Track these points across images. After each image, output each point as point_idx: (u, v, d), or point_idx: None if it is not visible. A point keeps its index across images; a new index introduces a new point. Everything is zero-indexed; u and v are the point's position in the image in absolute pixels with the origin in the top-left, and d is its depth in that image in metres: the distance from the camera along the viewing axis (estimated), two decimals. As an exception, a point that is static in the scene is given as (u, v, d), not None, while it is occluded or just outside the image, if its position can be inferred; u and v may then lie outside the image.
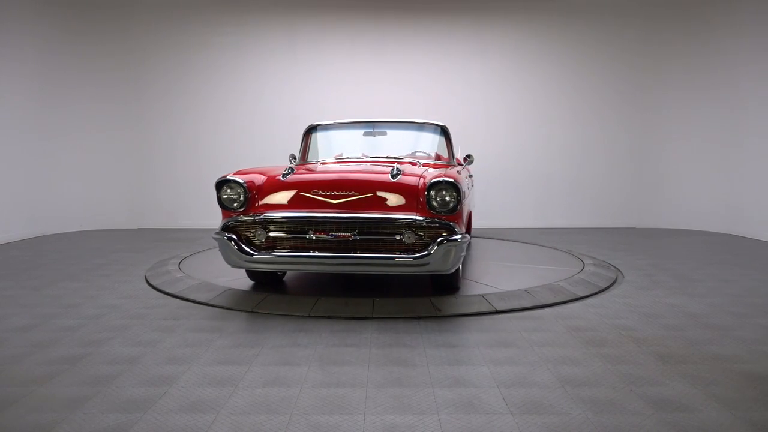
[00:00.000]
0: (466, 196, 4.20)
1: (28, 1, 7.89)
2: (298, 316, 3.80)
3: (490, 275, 5.11)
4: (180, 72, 8.96)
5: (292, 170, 4.28)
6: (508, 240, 7.45)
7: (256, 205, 4.03)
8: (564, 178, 9.13)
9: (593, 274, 5.06)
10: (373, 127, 5.48)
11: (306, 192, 3.97)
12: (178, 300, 4.27)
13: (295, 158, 5.52)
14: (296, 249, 3.90)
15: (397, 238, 3.81)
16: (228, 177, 4.08)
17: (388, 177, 4.02)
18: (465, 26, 9.04)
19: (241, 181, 4.03)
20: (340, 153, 5.33)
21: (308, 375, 2.77)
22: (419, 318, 3.77)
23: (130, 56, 8.85)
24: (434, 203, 3.81)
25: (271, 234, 3.94)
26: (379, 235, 3.82)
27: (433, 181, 3.84)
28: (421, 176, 4.05)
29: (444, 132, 5.32)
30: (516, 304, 4.03)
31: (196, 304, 4.12)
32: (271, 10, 8.96)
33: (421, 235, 3.82)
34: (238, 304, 4.04)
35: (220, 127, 8.98)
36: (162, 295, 4.44)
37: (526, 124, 9.10)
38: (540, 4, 9.03)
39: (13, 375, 2.76)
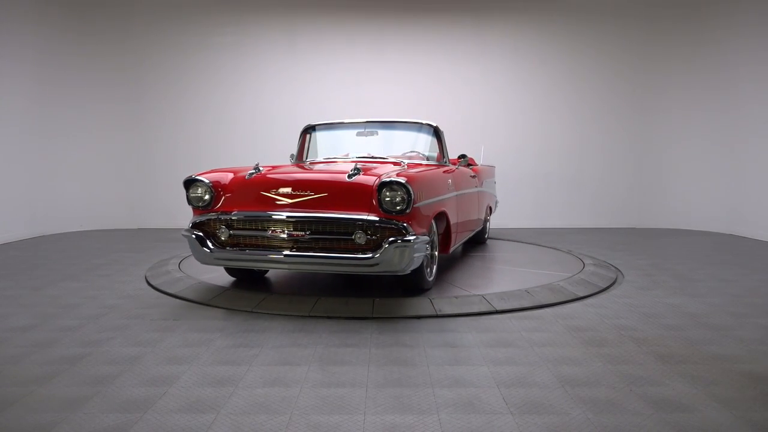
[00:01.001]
0: (427, 197, 4.05)
1: (28, 2, 7.89)
2: (298, 316, 3.80)
3: (489, 274, 5.11)
4: (180, 72, 8.97)
5: (258, 170, 4.33)
6: (508, 240, 7.45)
7: (221, 203, 4.16)
8: (564, 178, 9.13)
9: (593, 274, 5.06)
10: (364, 127, 5.47)
11: (266, 191, 4.06)
12: (178, 300, 4.27)
13: (293, 158, 5.57)
14: (256, 246, 4.02)
15: (350, 237, 3.83)
16: (194, 176, 4.20)
17: (344, 177, 4.01)
18: (465, 26, 9.05)
19: (206, 181, 4.16)
20: (347, 153, 5.31)
21: (308, 375, 2.77)
22: (419, 318, 3.77)
23: (130, 56, 8.85)
24: (385, 203, 3.76)
25: (233, 232, 4.07)
26: (332, 235, 3.86)
27: (382, 181, 3.78)
28: (378, 176, 3.96)
29: (436, 132, 5.26)
30: (516, 304, 4.03)
31: (196, 304, 4.12)
32: (271, 10, 8.97)
33: (373, 236, 3.81)
34: (238, 304, 4.04)
35: (220, 127, 8.98)
36: (162, 295, 4.44)
37: (525, 124, 9.10)
38: (540, 5, 9.04)
39: (13, 375, 2.76)
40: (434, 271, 4.47)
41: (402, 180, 3.72)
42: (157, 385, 2.63)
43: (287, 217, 3.89)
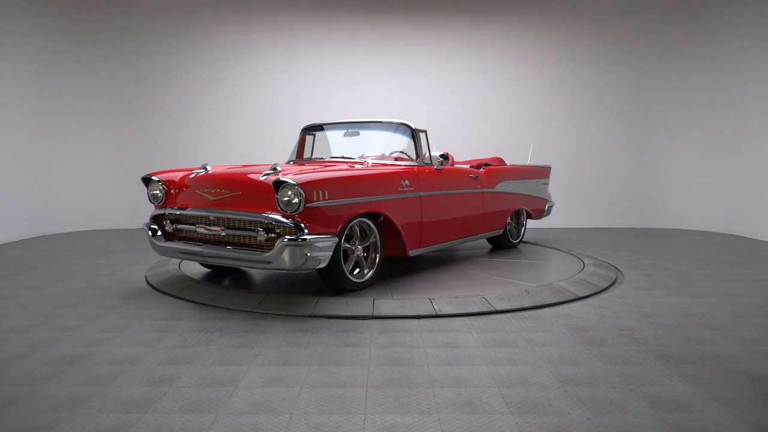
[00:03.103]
0: (336, 197, 4.03)
1: (28, 2, 7.89)
2: (298, 316, 3.80)
3: (489, 274, 5.11)
4: (180, 72, 8.97)
5: (205, 169, 4.57)
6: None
7: (171, 200, 4.57)
8: (564, 178, 9.11)
9: (593, 274, 5.06)
10: (347, 128, 5.52)
11: (197, 189, 4.41)
12: (178, 300, 4.27)
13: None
14: (187, 240, 4.43)
15: (254, 234, 4.04)
16: (148, 175, 4.64)
17: (258, 177, 4.12)
18: (465, 26, 9.05)
19: (157, 179, 4.59)
20: (362, 153, 5.30)
21: (308, 375, 2.77)
22: (419, 318, 3.77)
23: (131, 56, 8.85)
24: (281, 202, 3.88)
25: (174, 226, 4.49)
26: (241, 231, 4.11)
27: (274, 180, 3.88)
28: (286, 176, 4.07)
29: (411, 131, 5.16)
30: (516, 304, 4.03)
31: (196, 304, 4.12)
32: (271, 10, 8.97)
33: (274, 234, 3.96)
34: (238, 304, 4.04)
35: (220, 127, 8.98)
36: (162, 295, 4.44)
37: (525, 124, 9.10)
38: (540, 5, 9.04)
39: (13, 375, 2.76)
40: (371, 273, 4.46)
41: (291, 180, 3.82)
42: (157, 385, 2.63)
43: (205, 213, 4.28)
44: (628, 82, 9.10)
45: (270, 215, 3.92)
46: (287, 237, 3.81)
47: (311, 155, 5.54)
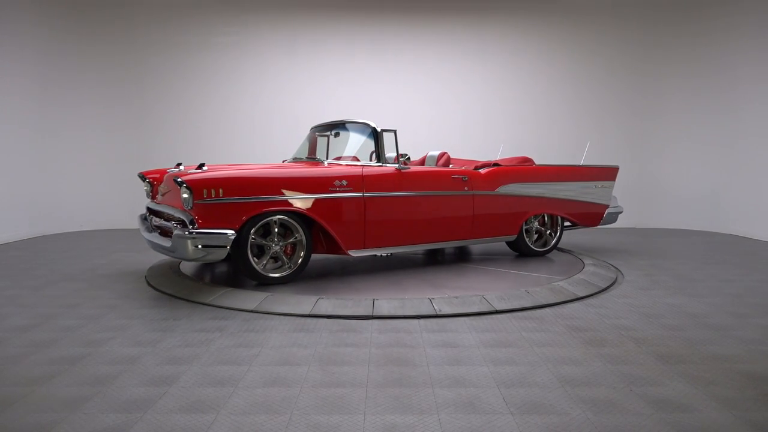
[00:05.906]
0: (231, 195, 4.23)
1: (28, 2, 7.89)
2: (298, 316, 3.80)
3: (490, 274, 5.11)
4: (180, 72, 8.97)
5: (178, 168, 4.82)
6: (508, 240, 7.42)
7: (154, 194, 5.15)
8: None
9: (593, 274, 5.06)
10: (331, 129, 5.59)
11: (159, 186, 5.03)
12: (178, 300, 4.27)
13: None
14: (155, 229, 4.88)
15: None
16: (140, 173, 5.30)
17: (184, 176, 4.33)
18: (465, 27, 9.05)
19: (144, 177, 5.22)
20: (353, 154, 5.43)
21: (308, 375, 2.77)
22: (419, 318, 3.77)
23: (131, 56, 8.86)
24: (181, 199, 4.22)
25: (152, 218, 5.00)
26: (167, 223, 4.59)
27: (173, 179, 4.25)
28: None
29: (374, 132, 5.10)
30: (516, 304, 4.03)
31: (196, 304, 4.12)
32: (271, 10, 8.97)
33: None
34: (238, 304, 4.04)
35: (220, 127, 8.98)
36: (162, 295, 4.44)
37: (524, 125, 9.10)
38: (541, 5, 9.04)
39: (13, 375, 2.76)
40: (295, 269, 4.62)
41: (180, 179, 4.17)
42: (157, 385, 2.63)
43: (152, 207, 4.94)
44: (628, 82, 9.10)
45: (177, 210, 4.34)
46: (186, 231, 4.12)
47: (326, 154, 5.55)
